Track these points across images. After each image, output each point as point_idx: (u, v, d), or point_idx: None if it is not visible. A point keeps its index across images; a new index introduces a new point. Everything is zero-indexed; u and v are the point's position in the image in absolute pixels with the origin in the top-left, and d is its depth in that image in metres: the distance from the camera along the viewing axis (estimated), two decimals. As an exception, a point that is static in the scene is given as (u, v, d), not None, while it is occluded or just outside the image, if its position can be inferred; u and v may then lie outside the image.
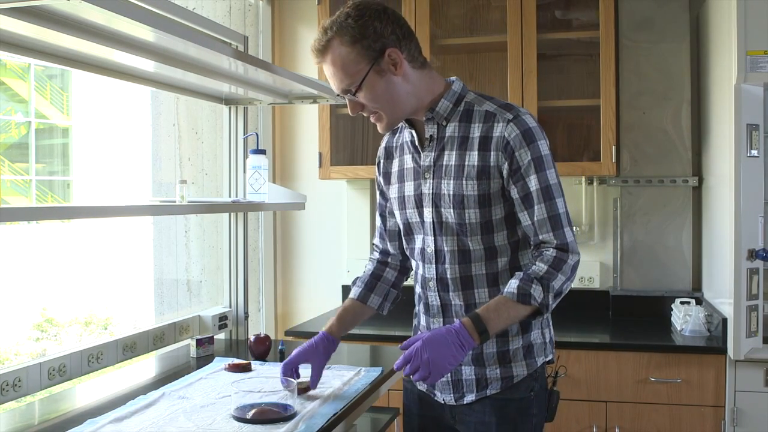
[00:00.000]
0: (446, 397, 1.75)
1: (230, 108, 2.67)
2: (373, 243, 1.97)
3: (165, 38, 1.65)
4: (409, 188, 1.75)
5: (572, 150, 3.22)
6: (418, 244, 1.76)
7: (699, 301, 3.07)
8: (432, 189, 1.69)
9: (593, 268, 3.33)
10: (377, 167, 1.88)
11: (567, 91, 3.27)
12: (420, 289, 1.79)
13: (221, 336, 2.63)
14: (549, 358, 1.75)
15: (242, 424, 1.64)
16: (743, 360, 2.55)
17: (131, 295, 7.56)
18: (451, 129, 1.68)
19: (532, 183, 1.61)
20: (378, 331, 3.00)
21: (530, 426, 1.71)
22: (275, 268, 3.64)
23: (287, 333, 3.03)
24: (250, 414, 1.67)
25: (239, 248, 2.68)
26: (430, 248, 1.72)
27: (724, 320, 2.62)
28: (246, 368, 2.13)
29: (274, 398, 1.76)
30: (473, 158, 1.64)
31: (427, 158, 1.71)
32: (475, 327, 1.55)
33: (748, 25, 2.46)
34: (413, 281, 1.85)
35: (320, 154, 3.28)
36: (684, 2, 3.19)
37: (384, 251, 1.94)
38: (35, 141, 10.83)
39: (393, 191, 1.81)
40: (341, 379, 2.00)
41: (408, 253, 1.83)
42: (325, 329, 1.84)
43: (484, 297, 1.68)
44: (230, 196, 2.67)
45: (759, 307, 2.54)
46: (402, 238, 1.84)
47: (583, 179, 3.32)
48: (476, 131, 1.65)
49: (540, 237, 1.63)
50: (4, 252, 8.84)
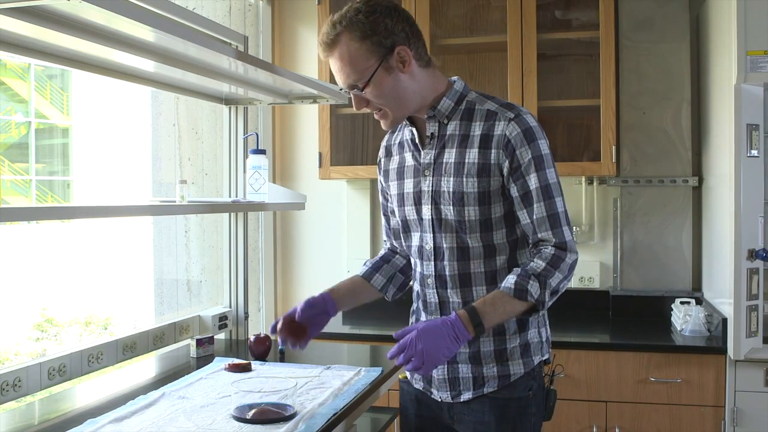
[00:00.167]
0: (443, 395, 1.75)
1: (230, 108, 2.67)
2: (384, 239, 1.98)
3: (165, 38, 1.65)
4: (409, 185, 1.75)
5: (572, 150, 3.22)
6: (416, 242, 1.76)
7: (699, 301, 3.07)
8: (431, 186, 1.69)
9: (593, 268, 3.33)
10: (378, 166, 1.89)
11: (567, 91, 3.27)
12: (418, 287, 1.79)
13: (221, 336, 2.63)
14: (546, 357, 1.76)
15: (242, 424, 1.64)
16: (743, 360, 2.56)
17: (131, 295, 7.56)
18: (452, 127, 1.69)
19: (532, 181, 1.62)
20: (378, 331, 3.00)
21: (529, 425, 1.71)
22: (275, 268, 3.64)
23: (287, 333, 3.02)
24: (250, 414, 1.67)
25: (239, 248, 2.68)
26: (429, 245, 1.72)
27: (724, 320, 2.62)
28: (246, 368, 2.13)
29: (274, 398, 1.76)
30: (474, 156, 1.64)
31: (428, 156, 1.71)
32: (471, 320, 1.56)
33: (748, 25, 2.47)
34: (412, 279, 1.85)
35: (320, 154, 3.28)
36: (684, 2, 3.19)
37: (392, 246, 1.95)
38: (35, 141, 10.82)
39: (392, 189, 1.82)
40: (341, 379, 2.01)
41: (407, 251, 1.84)
42: (325, 291, 1.81)
43: (482, 295, 1.68)
44: (230, 196, 2.67)
45: (759, 307, 2.55)
46: (401, 235, 1.84)
47: (583, 179, 3.32)
48: (477, 129, 1.65)
49: (539, 235, 1.63)
50: (4, 252, 8.84)
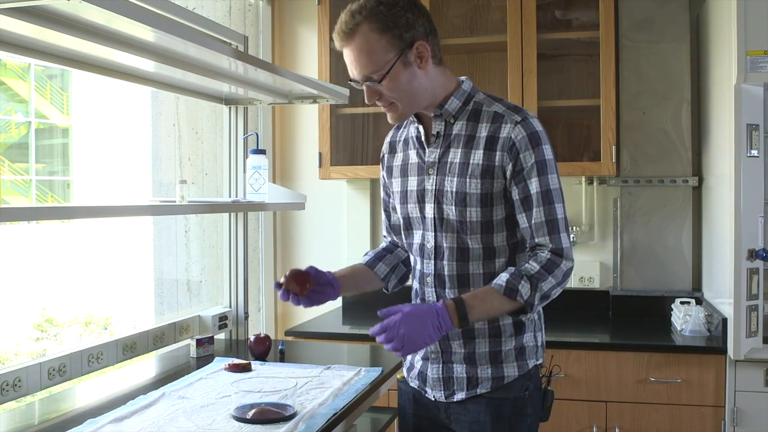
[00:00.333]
0: (437, 394, 1.75)
1: (230, 108, 2.67)
2: (383, 235, 1.98)
3: (165, 38, 1.65)
4: (412, 183, 1.75)
5: (572, 150, 3.22)
6: (417, 239, 1.76)
7: (699, 301, 3.07)
8: (435, 185, 1.69)
9: (593, 268, 3.33)
10: (381, 162, 1.88)
11: (567, 91, 3.27)
12: (417, 285, 1.80)
13: (221, 336, 2.63)
14: (540, 362, 1.75)
15: (242, 424, 1.64)
16: (743, 360, 2.55)
17: (131, 295, 7.56)
18: (459, 127, 1.69)
19: (533, 186, 1.62)
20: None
21: (525, 426, 1.71)
22: (275, 268, 3.64)
23: (287, 333, 3.03)
24: (250, 414, 1.68)
25: (239, 248, 2.68)
26: (430, 244, 1.72)
27: (724, 320, 2.62)
28: (246, 368, 2.13)
29: (274, 398, 1.76)
30: (478, 157, 1.64)
31: (432, 154, 1.71)
32: (457, 312, 1.56)
33: (748, 25, 2.47)
34: (411, 276, 1.85)
35: (320, 154, 3.28)
36: (684, 2, 3.19)
37: (393, 241, 1.95)
38: (35, 141, 10.82)
39: (395, 185, 1.81)
40: (341, 379, 2.01)
41: (407, 248, 1.84)
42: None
43: None
44: (230, 196, 2.67)
45: (759, 307, 2.55)
46: (402, 233, 1.84)
47: (583, 179, 3.32)
48: (483, 131, 1.65)
49: (536, 240, 1.63)
50: (4, 252, 8.84)
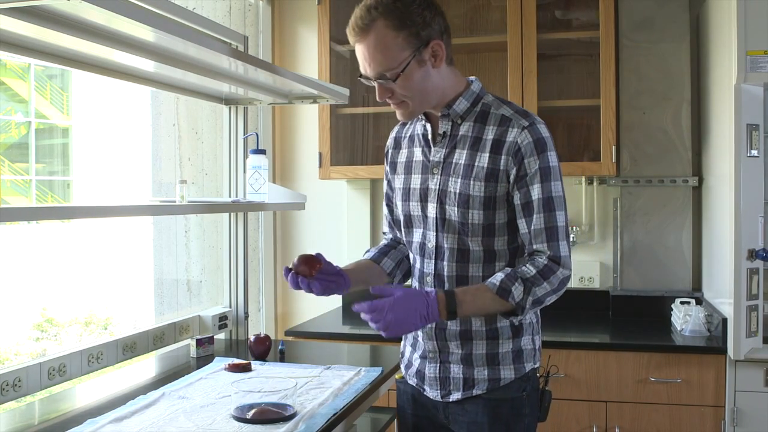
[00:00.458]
0: (433, 393, 1.75)
1: (230, 108, 2.67)
2: (383, 232, 1.96)
3: (165, 38, 1.65)
4: (416, 181, 1.74)
5: (572, 150, 3.22)
6: (418, 238, 1.76)
7: (699, 301, 3.07)
8: (439, 185, 1.69)
9: (593, 268, 3.33)
10: (386, 157, 1.87)
11: (567, 91, 3.27)
12: (417, 284, 1.79)
13: (221, 336, 2.63)
14: (537, 366, 1.75)
15: (242, 424, 1.64)
16: (743, 360, 2.55)
17: (131, 295, 7.55)
18: (465, 128, 1.68)
19: (535, 192, 1.61)
20: (378, 331, 2.99)
21: (522, 426, 1.71)
22: (275, 268, 3.64)
23: (287, 333, 3.03)
24: (250, 414, 1.68)
25: (239, 248, 2.68)
26: (431, 243, 1.72)
27: (724, 320, 2.62)
28: (246, 368, 2.13)
29: (274, 398, 1.76)
30: (484, 160, 1.64)
31: (438, 154, 1.70)
32: (447, 305, 1.57)
33: (748, 25, 2.46)
34: (411, 275, 1.85)
35: (320, 154, 3.28)
36: (684, 2, 3.18)
37: (394, 238, 1.93)
38: (35, 141, 10.81)
39: (398, 182, 1.80)
40: (341, 379, 2.01)
41: (407, 246, 1.83)
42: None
43: None
44: (230, 196, 2.67)
45: (759, 307, 2.54)
46: (402, 230, 1.83)
47: (583, 179, 3.32)
48: (490, 134, 1.64)
49: (534, 246, 1.63)
50: (4, 252, 8.84)
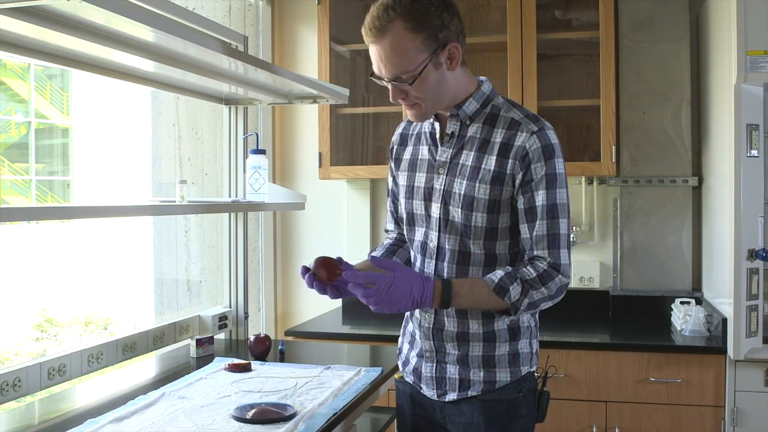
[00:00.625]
0: (430, 392, 1.74)
1: (230, 108, 2.67)
2: (386, 229, 1.94)
3: (165, 38, 1.65)
4: (420, 179, 1.73)
5: (572, 150, 3.22)
6: (419, 237, 1.75)
7: (699, 301, 3.07)
8: (444, 185, 1.68)
9: (593, 268, 3.33)
10: (390, 152, 1.86)
11: (567, 91, 3.27)
12: None
13: (221, 336, 2.63)
14: (534, 369, 1.74)
15: (242, 424, 1.64)
16: (743, 360, 2.55)
17: (131, 295, 7.56)
18: (474, 129, 1.67)
19: (540, 198, 1.60)
20: (378, 331, 3.00)
21: (519, 427, 1.70)
22: (275, 268, 3.64)
23: (287, 333, 3.03)
24: (250, 414, 1.68)
25: (239, 248, 2.68)
26: (433, 243, 1.71)
27: (724, 320, 2.62)
28: (246, 368, 2.13)
29: (274, 398, 1.76)
30: (491, 163, 1.62)
31: (444, 154, 1.69)
32: (441, 295, 1.57)
33: (748, 25, 2.46)
34: None
35: (320, 154, 3.28)
36: (684, 2, 3.19)
37: (399, 234, 1.91)
38: (35, 141, 10.81)
39: (402, 179, 1.79)
40: (341, 379, 2.01)
41: (408, 244, 1.82)
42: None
43: None
44: (230, 196, 2.67)
45: (759, 307, 2.54)
46: (404, 227, 1.82)
47: (583, 179, 3.32)
48: (498, 136, 1.63)
49: (535, 252, 1.61)
50: (4, 252, 8.84)
